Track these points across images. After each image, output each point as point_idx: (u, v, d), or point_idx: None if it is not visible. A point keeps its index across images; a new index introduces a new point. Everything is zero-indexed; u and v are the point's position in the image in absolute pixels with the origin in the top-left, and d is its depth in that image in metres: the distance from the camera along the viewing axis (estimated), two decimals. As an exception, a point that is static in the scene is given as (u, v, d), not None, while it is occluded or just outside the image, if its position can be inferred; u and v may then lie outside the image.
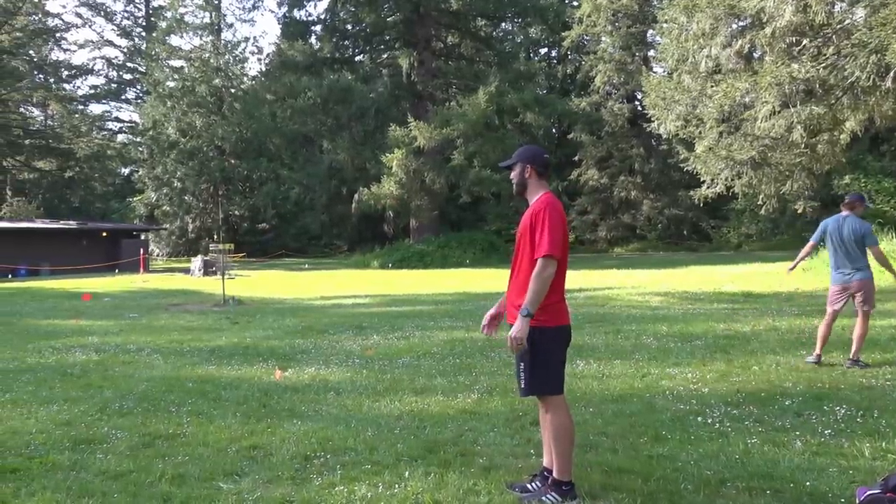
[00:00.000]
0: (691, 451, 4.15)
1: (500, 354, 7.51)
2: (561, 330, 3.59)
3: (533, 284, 3.40)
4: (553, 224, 3.45)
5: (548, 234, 3.43)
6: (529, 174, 3.67)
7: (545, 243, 3.42)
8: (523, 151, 3.78)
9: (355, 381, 6.44)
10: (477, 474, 3.88)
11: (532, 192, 3.68)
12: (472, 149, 27.70)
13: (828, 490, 3.48)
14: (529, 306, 3.39)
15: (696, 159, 16.46)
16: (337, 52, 34.21)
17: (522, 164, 3.69)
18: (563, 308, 3.64)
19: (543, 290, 3.40)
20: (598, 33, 36.58)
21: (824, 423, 4.58)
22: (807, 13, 13.08)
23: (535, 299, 3.39)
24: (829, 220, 6.77)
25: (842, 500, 3.33)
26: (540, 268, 3.41)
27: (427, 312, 11.77)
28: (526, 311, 3.38)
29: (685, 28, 15.60)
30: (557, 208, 3.55)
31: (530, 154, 3.73)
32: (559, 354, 3.62)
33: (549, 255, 3.40)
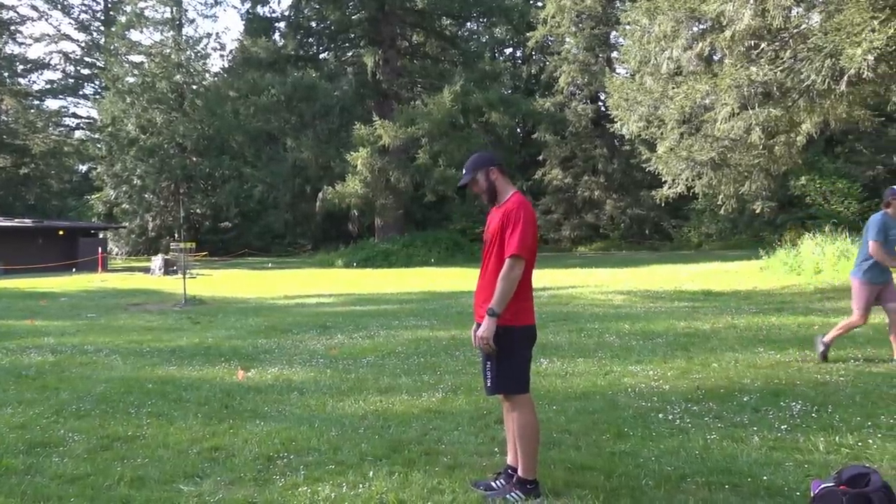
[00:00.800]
0: (652, 448, 4.21)
1: (464, 353, 7.53)
2: (527, 329, 3.59)
3: (500, 284, 3.39)
4: (525, 225, 3.42)
5: (518, 235, 3.39)
6: (496, 176, 3.60)
7: (514, 243, 3.39)
8: (476, 160, 3.68)
9: (319, 381, 6.39)
10: (441, 473, 3.88)
11: (502, 192, 3.62)
12: (438, 148, 27.71)
13: (784, 484, 3.56)
14: (496, 306, 3.39)
15: (658, 160, 16.70)
16: (301, 49, 33.91)
17: (484, 171, 3.61)
18: (530, 308, 3.64)
19: (511, 289, 3.40)
20: (562, 34, 36.87)
21: (781, 419, 4.69)
22: (765, 17, 13.36)
23: (501, 299, 3.39)
24: (879, 216, 6.15)
25: (797, 494, 3.41)
26: (507, 268, 3.39)
27: (392, 311, 11.75)
28: (492, 311, 3.39)
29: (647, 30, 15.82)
30: (529, 209, 3.52)
31: (485, 158, 3.66)
32: (525, 353, 3.61)
33: (517, 254, 3.38)
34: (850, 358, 6.46)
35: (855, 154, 29.17)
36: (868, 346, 6.90)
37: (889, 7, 12.16)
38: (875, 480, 2.69)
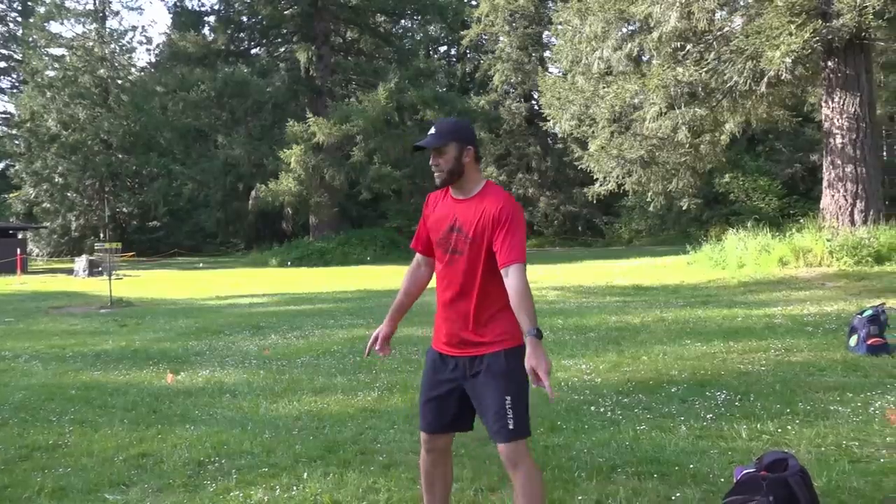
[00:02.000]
0: (585, 440, 4.29)
1: (400, 351, 7.51)
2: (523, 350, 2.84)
3: (525, 298, 2.65)
4: (521, 225, 2.76)
5: (519, 237, 2.71)
6: (469, 159, 2.82)
7: (517, 247, 2.69)
8: (457, 128, 2.88)
9: (252, 383, 6.28)
10: (377, 472, 3.86)
11: (469, 179, 2.84)
12: (373, 145, 27.56)
13: (709, 471, 3.68)
14: (534, 323, 2.62)
15: (590, 158, 17.04)
16: (232, 44, 33.19)
17: (460, 146, 2.81)
18: None
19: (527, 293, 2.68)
20: (496, 33, 37.19)
21: (706, 408, 4.84)
22: (690, 20, 13.80)
23: (534, 313, 2.67)
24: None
25: (721, 480, 3.53)
26: (521, 277, 2.68)
27: (327, 310, 11.63)
28: (536, 331, 2.60)
29: (578, 30, 16.13)
30: (519, 205, 2.88)
31: (468, 133, 2.88)
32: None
33: (524, 261, 2.71)
34: (771, 348, 6.72)
35: (775, 153, 30.39)
36: (787, 337, 7.20)
37: (805, 12, 12.72)
38: (792, 465, 2.81)
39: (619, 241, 34.18)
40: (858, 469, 3.59)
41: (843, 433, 4.18)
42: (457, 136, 2.84)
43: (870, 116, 13.82)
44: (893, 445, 3.94)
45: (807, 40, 12.33)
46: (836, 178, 13.77)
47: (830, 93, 13.79)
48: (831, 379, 5.47)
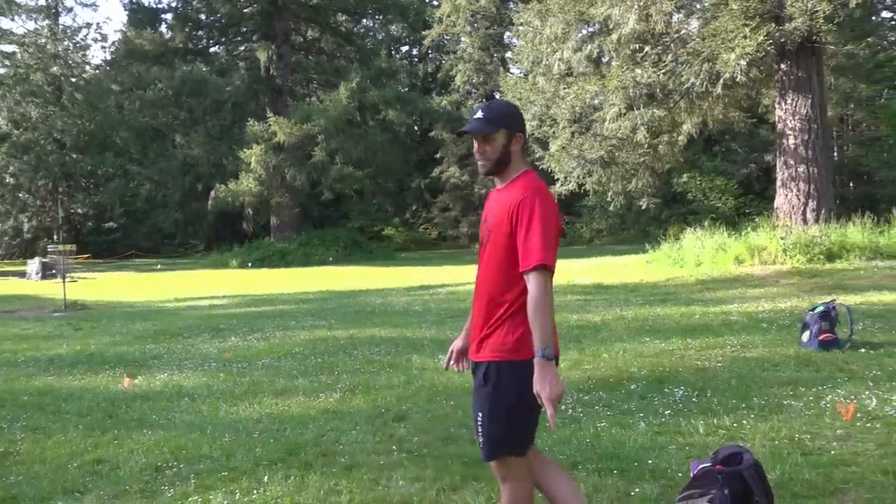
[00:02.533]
0: (546, 438, 4.32)
1: (362, 352, 7.48)
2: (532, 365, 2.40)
3: (536, 311, 2.36)
4: (547, 221, 2.39)
5: (539, 235, 2.36)
6: (518, 146, 2.57)
7: (536, 248, 2.35)
8: (507, 113, 2.60)
9: (212, 386, 6.19)
10: (339, 474, 3.84)
11: (513, 170, 2.58)
12: (334, 145, 27.38)
13: (667, 466, 3.74)
14: (545, 343, 2.34)
15: (551, 158, 17.18)
16: (190, 42, 32.64)
17: (509, 133, 2.55)
18: None
19: (550, 315, 2.38)
20: (457, 33, 37.24)
21: (665, 404, 4.92)
22: (648, 22, 14.00)
23: (547, 331, 2.35)
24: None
25: (679, 475, 3.59)
26: (537, 286, 2.36)
27: (288, 312, 11.53)
28: (546, 353, 2.33)
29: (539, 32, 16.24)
30: (550, 197, 2.50)
31: (518, 118, 2.61)
32: (528, 397, 2.41)
33: (542, 264, 2.36)
34: (728, 345, 6.86)
35: (731, 153, 31.01)
36: (743, 334, 7.35)
37: (759, 16, 13.01)
38: (747, 459, 2.87)
39: (580, 240, 34.51)
40: (810, 461, 3.68)
41: (795, 427, 4.28)
42: (507, 122, 2.57)
43: (821, 118, 14.18)
44: (843, 438, 4.05)
45: (760, 43, 12.61)
46: (789, 177, 14.10)
47: (783, 95, 14.12)
48: (785, 374, 5.60)
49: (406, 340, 8.10)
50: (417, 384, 5.92)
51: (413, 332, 8.69)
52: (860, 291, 9.64)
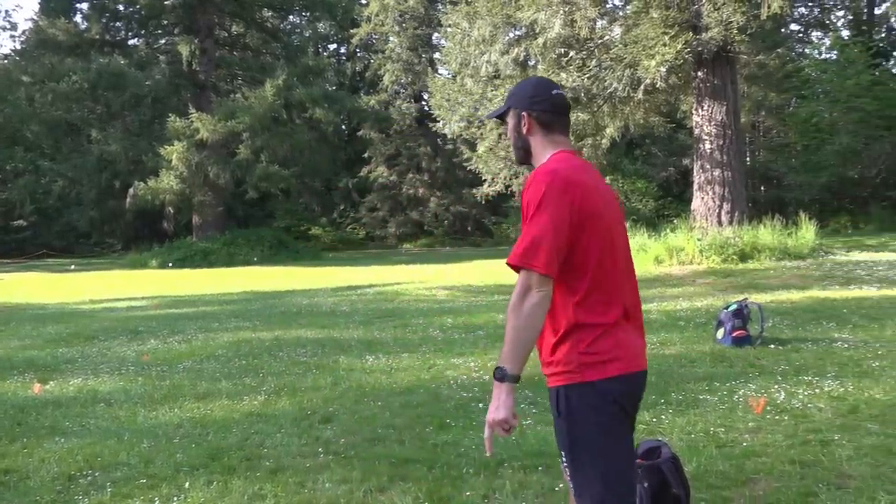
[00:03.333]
0: (473, 436, 4.36)
1: (288, 353, 7.37)
2: (613, 385, 2.06)
3: (509, 324, 2.02)
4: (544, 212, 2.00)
5: (531, 231, 2.02)
6: (528, 127, 2.22)
7: (522, 244, 2.02)
8: (514, 90, 2.31)
9: (129, 390, 5.98)
10: (263, 478, 3.78)
11: (538, 155, 2.23)
12: (260, 143, 26.84)
13: (590, 462, 3.83)
14: (508, 363, 2.03)
15: (478, 159, 17.34)
16: (107, 33, 31.37)
17: (517, 112, 2.24)
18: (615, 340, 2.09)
19: (527, 329, 2.00)
20: (386, 33, 37.12)
21: (588, 402, 5.03)
22: (573, 27, 14.30)
23: (512, 347, 2.02)
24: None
25: (601, 470, 3.68)
26: (519, 292, 2.01)
27: (211, 313, 11.24)
28: (501, 373, 2.04)
29: (467, 34, 16.36)
30: (561, 177, 2.05)
31: (524, 93, 2.25)
32: (614, 428, 2.06)
33: (525, 266, 2.00)
34: (648, 342, 7.06)
35: (651, 157, 32.01)
36: (662, 331, 7.60)
37: (678, 25, 13.47)
38: (665, 452, 2.97)
39: (507, 240, 34.92)
40: (724, 453, 3.84)
41: (710, 420, 4.46)
42: (512, 100, 2.27)
43: (735, 124, 14.81)
44: (754, 430, 4.25)
45: (679, 51, 13.07)
46: (705, 181, 14.66)
47: (700, 101, 14.67)
48: (701, 370, 5.82)
49: (333, 341, 8.03)
50: (344, 385, 5.87)
51: (340, 333, 8.62)
52: (770, 290, 10.12)
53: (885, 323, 7.36)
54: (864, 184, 28.34)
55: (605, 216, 2.11)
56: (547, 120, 2.21)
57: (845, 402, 4.68)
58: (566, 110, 2.26)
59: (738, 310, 6.71)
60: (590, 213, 2.05)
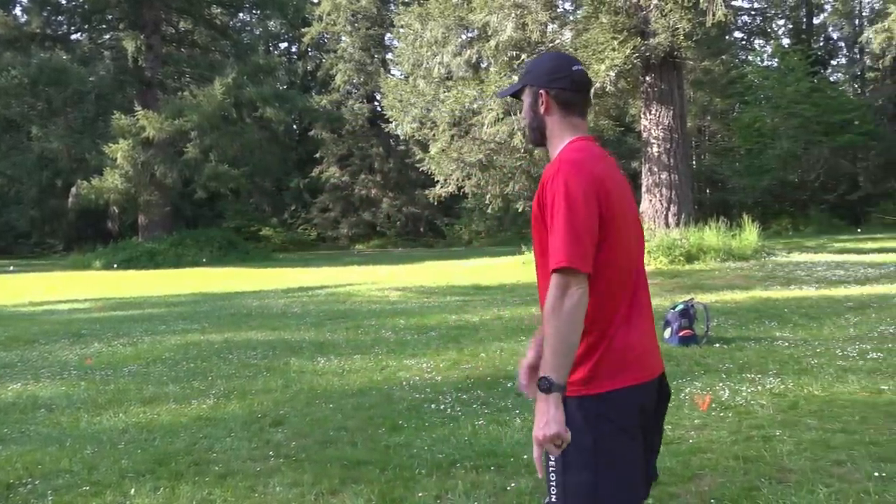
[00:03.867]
0: (425, 438, 4.36)
1: (238, 356, 7.26)
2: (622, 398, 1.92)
3: (547, 323, 1.84)
4: (568, 208, 1.85)
5: (564, 227, 1.84)
6: (546, 106, 2.04)
7: (558, 244, 1.84)
8: (529, 66, 2.12)
9: (72, 395, 5.81)
10: (212, 482, 3.71)
11: (554, 139, 2.06)
12: (209, 142, 26.35)
13: (541, 460, 3.87)
14: (553, 371, 1.80)
15: (431, 160, 17.36)
16: (48, 27, 30.40)
17: (533, 90, 2.05)
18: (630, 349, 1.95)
19: (571, 333, 1.82)
20: (338, 32, 36.91)
21: (539, 401, 5.08)
22: (525, 30, 14.44)
23: (560, 357, 1.81)
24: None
25: (552, 468, 3.73)
26: (556, 293, 1.83)
27: (158, 315, 10.99)
28: (547, 383, 1.80)
29: (420, 35, 16.37)
30: (585, 172, 1.91)
31: (542, 69, 2.06)
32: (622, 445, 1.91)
33: (567, 266, 1.82)
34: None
35: (602, 159, 32.54)
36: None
37: (626, 30, 13.72)
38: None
39: (459, 241, 35.05)
40: (671, 450, 3.92)
41: (658, 418, 4.55)
42: (528, 76, 2.07)
43: (681, 128, 15.16)
44: (700, 427, 4.35)
45: (628, 56, 13.32)
46: (653, 184, 14.96)
47: (648, 105, 14.97)
48: (649, 369, 5.93)
49: (284, 343, 7.94)
50: (296, 388, 5.81)
51: (291, 335, 8.52)
52: (715, 290, 10.39)
53: (824, 322, 7.63)
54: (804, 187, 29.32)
55: (625, 210, 1.98)
56: (566, 99, 2.02)
57: (786, 399, 4.83)
58: (587, 88, 2.08)
59: (685, 310, 6.87)
60: (611, 207, 1.92)
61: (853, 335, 6.89)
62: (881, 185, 28.72)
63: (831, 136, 27.18)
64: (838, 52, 39.34)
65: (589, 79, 2.10)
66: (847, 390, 4.97)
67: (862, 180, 29.38)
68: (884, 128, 30.57)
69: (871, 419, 4.31)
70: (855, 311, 8.16)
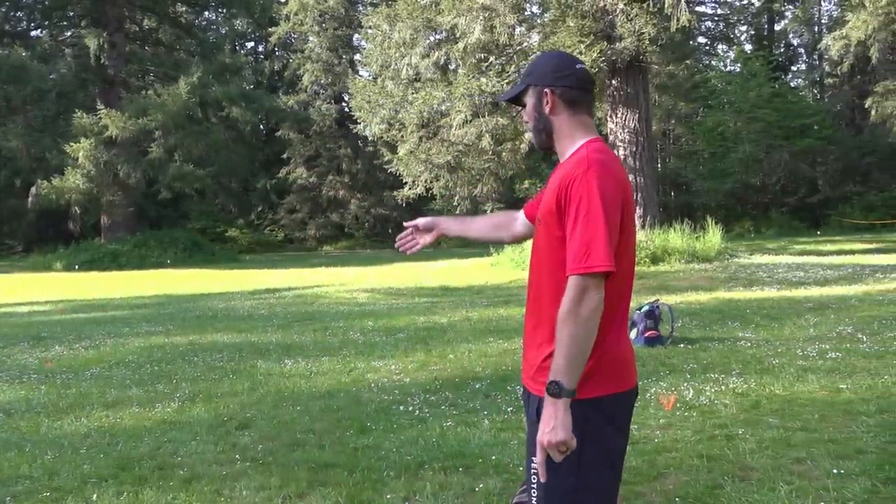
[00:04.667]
0: (394, 439, 4.36)
1: (203, 358, 7.17)
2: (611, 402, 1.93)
3: (561, 327, 1.80)
4: (600, 210, 1.82)
5: (587, 229, 1.81)
6: (552, 106, 1.99)
7: (582, 248, 1.81)
8: (533, 66, 2.07)
9: (31, 399, 5.68)
10: (177, 487, 3.66)
11: (562, 136, 2.02)
12: (173, 142, 25.98)
13: (510, 461, 3.90)
14: (564, 375, 1.78)
15: (399, 161, 17.33)
16: (7, 23, 29.72)
17: (537, 90, 2.01)
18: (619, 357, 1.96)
19: (587, 339, 1.80)
20: (305, 32, 36.65)
21: (507, 402, 5.12)
22: (493, 33, 14.50)
23: (573, 361, 1.79)
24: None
25: (520, 469, 3.74)
26: (574, 297, 1.80)
27: (121, 318, 10.81)
28: (557, 387, 1.78)
29: (388, 36, 16.33)
30: (612, 175, 1.89)
31: (546, 68, 2.02)
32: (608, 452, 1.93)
33: (591, 271, 1.79)
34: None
35: (568, 161, 32.83)
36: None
37: (593, 34, 13.87)
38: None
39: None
40: (637, 450, 3.97)
41: (624, 418, 4.60)
42: (531, 76, 2.02)
43: (647, 132, 15.35)
44: (665, 427, 4.42)
45: (594, 60, 13.45)
46: (619, 186, 15.13)
47: (614, 109, 15.15)
48: (615, 369, 6.00)
49: (250, 345, 7.86)
50: (262, 390, 5.76)
51: (258, 337, 8.45)
52: (680, 292, 10.55)
53: (784, 322, 7.80)
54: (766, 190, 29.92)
55: (632, 219, 1.98)
56: (572, 97, 1.98)
57: (748, 398, 4.93)
58: (592, 87, 2.04)
59: (650, 311, 6.96)
60: (628, 214, 1.91)
61: (813, 335, 7.05)
62: (839, 189, 29.44)
63: (792, 140, 27.80)
64: (798, 58, 40.27)
65: (592, 78, 2.07)
66: (807, 389, 5.09)
67: (821, 184, 30.08)
68: (842, 132, 31.35)
69: (830, 417, 4.41)
70: (815, 312, 8.35)
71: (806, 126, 28.34)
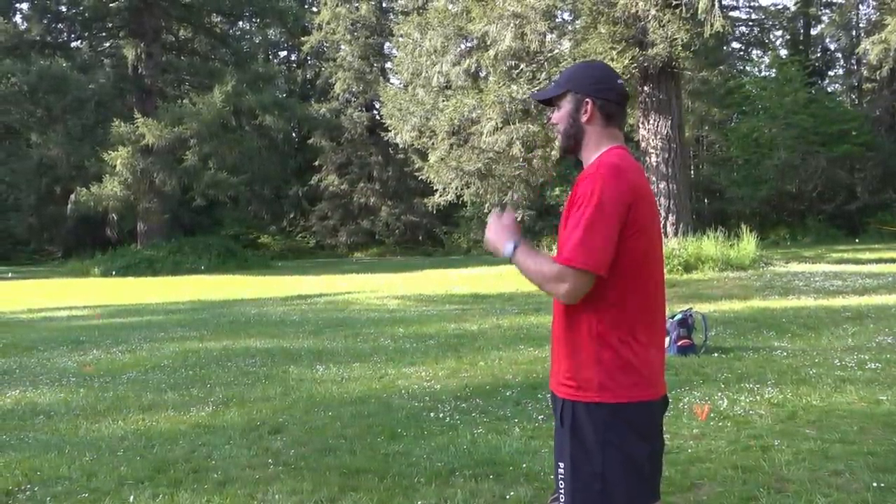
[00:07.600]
0: (424, 446, 4.37)
1: (236, 363, 7.26)
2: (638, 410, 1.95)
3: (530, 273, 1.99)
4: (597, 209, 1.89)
5: (584, 227, 1.89)
6: (589, 116, 2.05)
7: (575, 241, 1.90)
8: (575, 73, 2.10)
9: (70, 402, 5.80)
10: (211, 490, 3.71)
11: (589, 145, 2.09)
12: (208, 150, 26.40)
13: (540, 469, 3.88)
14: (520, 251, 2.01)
15: (430, 169, 17.38)
16: (49, 35, 30.50)
17: (577, 97, 2.05)
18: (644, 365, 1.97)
19: (532, 277, 1.99)
20: (337, 41, 37.01)
21: (538, 410, 5.10)
22: (524, 40, 14.50)
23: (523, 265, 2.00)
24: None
25: (551, 477, 3.72)
26: (551, 276, 1.93)
27: (157, 323, 10.99)
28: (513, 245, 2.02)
29: (419, 44, 16.42)
30: (623, 175, 1.96)
31: (590, 78, 2.07)
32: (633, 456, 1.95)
33: (569, 264, 1.90)
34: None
35: (599, 168, 32.59)
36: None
37: (625, 40, 13.79)
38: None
39: (458, 250, 35.06)
40: (670, 459, 3.92)
41: (657, 427, 4.55)
42: (573, 83, 2.05)
43: (679, 138, 15.20)
44: (699, 437, 4.36)
45: (626, 66, 13.37)
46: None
47: (646, 115, 15.02)
48: (647, 378, 5.94)
49: (283, 351, 7.94)
50: (294, 395, 5.82)
51: (290, 343, 8.52)
52: (713, 300, 10.40)
53: (821, 332, 7.65)
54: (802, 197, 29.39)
55: (652, 227, 2.01)
56: (611, 111, 2.05)
57: (784, 409, 4.84)
58: (626, 103, 2.12)
59: (683, 319, 6.88)
60: (641, 220, 1.94)
61: (851, 345, 6.91)
62: (879, 196, 28.79)
63: (829, 146, 27.28)
64: (835, 63, 39.52)
65: (628, 94, 2.14)
66: (845, 400, 4.98)
67: (859, 190, 29.45)
68: (881, 138, 30.68)
69: (869, 429, 4.32)
70: (853, 322, 8.18)
71: (844, 132, 27.79)
